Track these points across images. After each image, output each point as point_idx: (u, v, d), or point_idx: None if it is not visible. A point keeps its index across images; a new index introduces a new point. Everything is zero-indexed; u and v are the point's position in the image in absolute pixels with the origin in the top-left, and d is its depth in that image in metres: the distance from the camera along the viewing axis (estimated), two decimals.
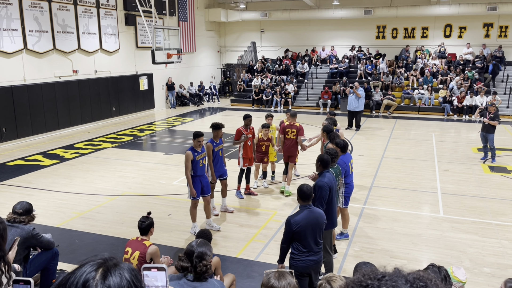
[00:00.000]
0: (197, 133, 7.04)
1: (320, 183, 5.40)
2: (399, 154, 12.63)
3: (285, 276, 2.89)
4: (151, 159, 12.06)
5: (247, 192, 9.09)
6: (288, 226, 4.62)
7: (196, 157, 6.99)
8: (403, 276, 1.03)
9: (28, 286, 2.32)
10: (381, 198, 8.96)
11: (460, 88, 19.80)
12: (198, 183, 7.13)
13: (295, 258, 4.70)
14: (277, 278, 2.87)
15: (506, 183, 10.01)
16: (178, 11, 21.76)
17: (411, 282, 1.01)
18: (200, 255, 3.16)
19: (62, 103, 15.70)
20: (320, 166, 5.56)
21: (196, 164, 7.03)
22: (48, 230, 6.95)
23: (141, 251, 4.68)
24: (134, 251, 4.72)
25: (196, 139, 6.98)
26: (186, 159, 6.97)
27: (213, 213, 8.05)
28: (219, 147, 7.83)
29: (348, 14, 23.11)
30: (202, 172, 7.17)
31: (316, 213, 4.71)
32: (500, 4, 20.42)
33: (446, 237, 7.12)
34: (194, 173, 7.08)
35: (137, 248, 4.73)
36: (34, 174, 10.62)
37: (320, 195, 5.33)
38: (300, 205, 4.78)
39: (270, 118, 9.77)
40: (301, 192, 4.69)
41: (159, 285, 1.80)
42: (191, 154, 6.96)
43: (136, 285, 1.19)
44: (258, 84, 22.93)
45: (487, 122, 11.46)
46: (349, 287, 1.07)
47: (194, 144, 7.02)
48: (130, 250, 4.77)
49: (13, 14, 13.67)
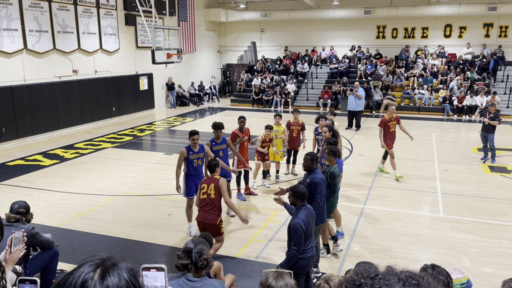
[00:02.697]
0: (191, 131, 7.11)
1: (316, 179, 5.53)
2: (399, 154, 12.61)
3: (283, 276, 2.88)
4: (151, 159, 12.06)
5: (247, 192, 9.08)
6: (300, 229, 4.57)
7: (190, 156, 7.02)
8: (396, 274, 1.03)
9: (34, 285, 2.31)
10: (381, 198, 8.96)
11: (460, 88, 19.80)
12: (191, 183, 7.14)
13: (299, 257, 4.72)
14: (275, 278, 2.86)
15: (506, 183, 10.00)
16: (178, 11, 21.75)
17: (404, 280, 1.01)
18: (200, 251, 3.23)
19: (62, 103, 15.70)
20: (310, 162, 5.70)
21: (190, 163, 7.05)
22: (48, 230, 6.94)
23: (215, 183, 5.95)
24: (210, 185, 5.95)
25: (191, 137, 7.02)
26: (179, 156, 7.06)
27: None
28: (220, 147, 7.81)
29: (348, 14, 23.11)
30: (196, 172, 7.16)
31: (311, 210, 4.90)
32: (500, 4, 20.41)
33: (446, 237, 7.12)
34: (188, 172, 7.12)
35: (211, 182, 5.99)
36: (34, 174, 10.61)
37: (320, 191, 5.51)
38: (298, 206, 4.82)
39: (279, 118, 9.81)
40: (300, 193, 4.78)
41: (158, 285, 1.80)
42: (185, 152, 7.01)
43: (135, 285, 1.18)
44: (258, 84, 22.93)
45: (487, 122, 11.46)
46: (342, 286, 1.06)
47: (190, 143, 7.05)
48: (205, 185, 5.96)
49: (13, 14, 13.67)
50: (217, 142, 7.76)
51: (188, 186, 7.16)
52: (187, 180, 7.15)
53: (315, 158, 5.76)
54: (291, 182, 10.06)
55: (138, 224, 7.64)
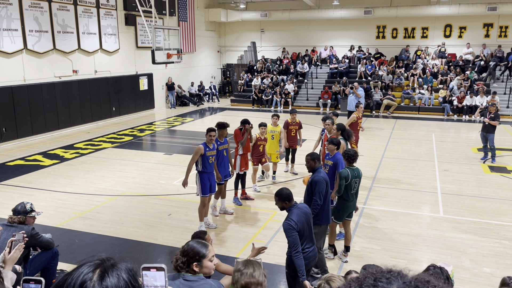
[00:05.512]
0: (209, 128, 7.16)
1: (317, 178, 5.55)
2: (399, 154, 12.62)
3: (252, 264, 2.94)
4: (151, 159, 12.06)
5: (244, 197, 8.90)
6: (291, 229, 4.50)
7: (206, 153, 7.06)
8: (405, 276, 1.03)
9: (39, 285, 2.30)
10: (381, 198, 8.96)
11: (460, 88, 19.80)
12: (206, 180, 7.15)
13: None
14: (245, 265, 2.92)
15: (506, 183, 10.00)
16: (178, 11, 21.75)
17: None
18: (185, 251, 3.11)
19: (62, 103, 15.70)
20: (312, 162, 5.70)
21: (206, 160, 7.08)
22: (48, 230, 6.94)
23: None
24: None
25: (208, 133, 7.06)
26: (195, 152, 7.04)
27: (213, 213, 8.04)
28: (224, 147, 7.80)
29: (348, 14, 23.11)
30: (211, 170, 7.22)
31: (304, 208, 4.77)
32: (500, 4, 20.41)
33: (446, 237, 7.12)
34: (203, 169, 7.12)
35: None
36: (34, 174, 10.61)
37: (318, 189, 5.50)
38: (287, 207, 4.73)
39: (276, 118, 9.80)
40: (286, 195, 4.71)
41: (158, 285, 1.80)
42: (203, 148, 7.04)
43: (134, 286, 1.18)
44: (258, 84, 22.93)
45: (488, 122, 11.46)
46: (365, 276, 1.06)
47: (207, 140, 7.10)
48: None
49: (13, 14, 13.67)
50: (221, 142, 7.76)
51: (204, 184, 7.14)
52: (202, 177, 7.13)
53: (316, 157, 5.76)
54: (292, 182, 10.07)
55: (138, 224, 7.64)
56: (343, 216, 6.33)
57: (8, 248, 3.31)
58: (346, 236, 6.41)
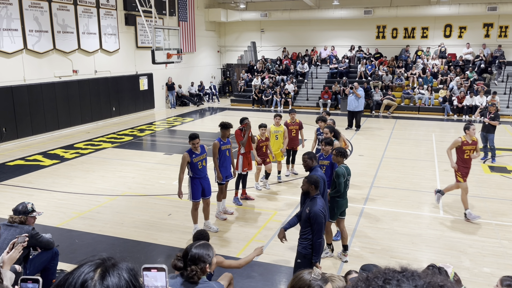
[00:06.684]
0: (191, 135, 6.92)
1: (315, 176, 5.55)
2: (399, 154, 12.62)
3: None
4: (151, 159, 12.06)
5: (244, 197, 8.90)
6: (321, 216, 4.83)
7: (193, 159, 6.92)
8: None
9: (37, 285, 2.30)
10: (381, 198, 8.96)
11: (460, 88, 19.80)
12: (198, 185, 7.06)
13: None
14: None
15: (506, 183, 10.00)
16: (178, 11, 21.75)
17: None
18: (193, 259, 3.02)
19: (62, 103, 15.70)
20: (309, 160, 5.83)
21: (195, 166, 6.97)
22: (48, 230, 6.94)
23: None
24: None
25: (191, 141, 6.86)
26: (182, 161, 6.90)
27: (221, 217, 7.95)
28: (226, 147, 7.78)
29: (348, 14, 23.11)
30: (202, 174, 7.09)
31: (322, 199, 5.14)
32: (500, 4, 20.41)
33: (446, 237, 7.12)
34: (193, 175, 7.04)
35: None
36: (34, 174, 10.61)
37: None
38: (312, 194, 5.00)
39: (279, 118, 9.80)
40: (315, 180, 4.99)
41: (158, 285, 1.79)
42: (188, 156, 6.87)
43: (135, 285, 1.18)
44: (258, 84, 22.93)
45: (488, 122, 11.46)
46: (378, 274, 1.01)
47: (191, 147, 6.92)
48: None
49: (13, 14, 13.67)
50: (224, 142, 7.74)
51: (194, 190, 7.04)
52: (193, 183, 7.02)
53: (313, 156, 5.81)
54: (292, 182, 10.07)
55: (138, 224, 7.64)
56: (337, 214, 6.39)
57: (9, 249, 3.31)
58: (342, 235, 6.43)
